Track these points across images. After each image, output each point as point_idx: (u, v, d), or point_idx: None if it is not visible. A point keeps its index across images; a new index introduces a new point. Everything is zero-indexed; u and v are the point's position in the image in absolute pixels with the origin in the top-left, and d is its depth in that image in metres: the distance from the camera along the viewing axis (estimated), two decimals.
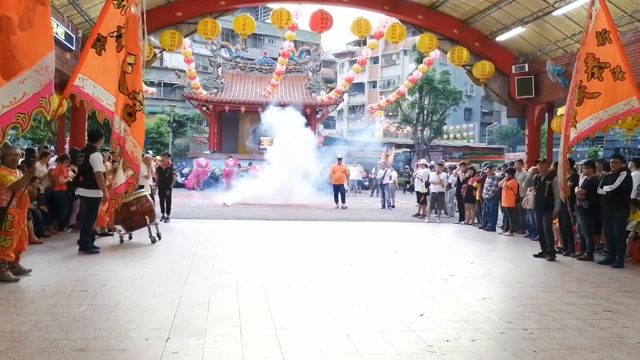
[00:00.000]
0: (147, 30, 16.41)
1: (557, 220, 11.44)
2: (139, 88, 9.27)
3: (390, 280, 8.61)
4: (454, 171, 18.92)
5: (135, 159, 9.62)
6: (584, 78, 9.86)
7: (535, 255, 11.30)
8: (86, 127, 16.82)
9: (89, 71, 8.30)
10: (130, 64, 9.04)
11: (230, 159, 32.63)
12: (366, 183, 36.43)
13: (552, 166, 11.77)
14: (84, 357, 4.81)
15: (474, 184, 16.67)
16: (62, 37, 13.85)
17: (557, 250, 11.39)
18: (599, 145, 43.72)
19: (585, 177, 11.18)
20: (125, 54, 8.97)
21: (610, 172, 10.65)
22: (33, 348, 5.01)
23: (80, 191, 10.50)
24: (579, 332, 6.02)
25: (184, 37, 17.56)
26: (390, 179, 23.44)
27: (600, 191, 10.55)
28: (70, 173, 12.43)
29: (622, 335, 5.96)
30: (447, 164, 23.37)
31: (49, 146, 16.04)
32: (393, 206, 23.40)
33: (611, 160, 10.94)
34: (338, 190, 22.44)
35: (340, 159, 23.65)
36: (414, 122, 44.04)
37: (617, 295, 7.96)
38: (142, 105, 9.42)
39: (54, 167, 12.69)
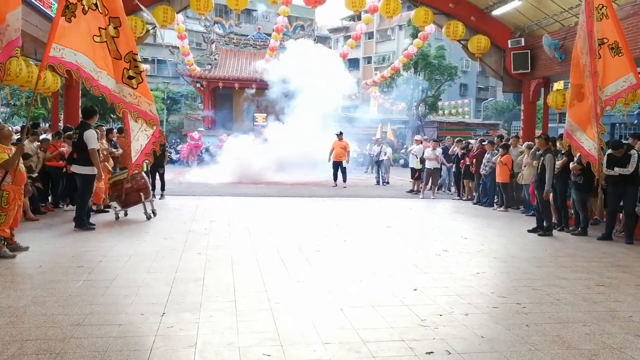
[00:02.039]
0: (139, 6, 16.35)
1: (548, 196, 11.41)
2: (135, 49, 9.05)
3: (384, 255, 8.67)
4: (451, 148, 18.86)
5: (155, 116, 9.46)
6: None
7: (529, 231, 11.36)
8: (80, 104, 16.72)
9: (64, 40, 8.10)
10: (115, 27, 8.82)
11: (225, 136, 32.62)
12: (361, 159, 36.35)
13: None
14: (80, 332, 4.85)
15: (471, 160, 16.73)
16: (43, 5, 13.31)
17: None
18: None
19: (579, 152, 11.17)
20: (108, 18, 8.75)
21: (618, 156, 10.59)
22: (30, 323, 5.05)
23: (75, 168, 10.48)
24: (572, 306, 6.08)
25: (177, 12, 17.40)
26: (385, 155, 23.43)
27: (611, 172, 10.49)
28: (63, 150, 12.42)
29: (614, 309, 6.02)
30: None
31: (42, 124, 15.93)
32: (388, 182, 23.42)
33: (612, 150, 10.79)
34: (337, 167, 21.57)
35: (340, 134, 22.14)
36: (409, 98, 43.89)
37: (610, 270, 8.03)
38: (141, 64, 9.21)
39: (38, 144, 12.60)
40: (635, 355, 4.68)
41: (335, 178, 21.62)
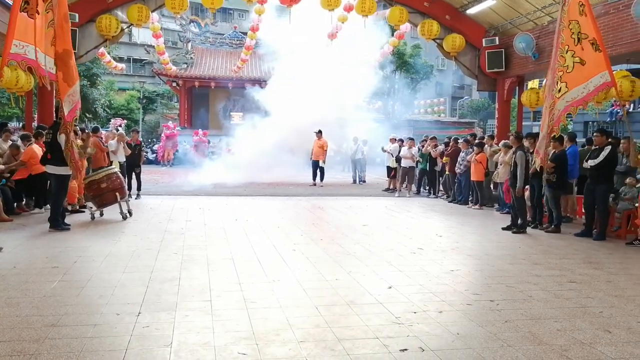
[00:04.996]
0: (114, 4, 16.29)
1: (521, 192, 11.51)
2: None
3: (359, 253, 8.71)
4: (424, 147, 18.94)
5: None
6: (570, 43, 9.79)
7: (503, 229, 11.48)
8: (54, 103, 16.55)
9: (25, 37, 7.98)
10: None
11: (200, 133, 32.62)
12: (338, 158, 36.28)
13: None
14: (55, 333, 4.83)
15: (443, 160, 16.89)
16: None
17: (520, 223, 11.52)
18: (568, 119, 44.14)
19: (554, 150, 11.32)
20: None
21: (596, 147, 10.81)
22: (4, 324, 5.01)
23: (49, 168, 10.40)
24: (544, 303, 6.16)
25: (152, 11, 17.32)
26: (362, 153, 23.47)
27: (585, 165, 10.76)
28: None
29: (585, 305, 6.11)
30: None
31: (16, 123, 15.79)
32: (364, 181, 23.48)
33: (594, 135, 11.12)
34: (315, 166, 21.60)
35: (319, 133, 21.87)
36: (385, 96, 43.98)
37: (582, 267, 8.15)
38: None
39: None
40: (605, 350, 4.77)
41: (314, 177, 21.62)
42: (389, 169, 20.03)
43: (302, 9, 18.13)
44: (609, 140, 10.84)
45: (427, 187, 18.87)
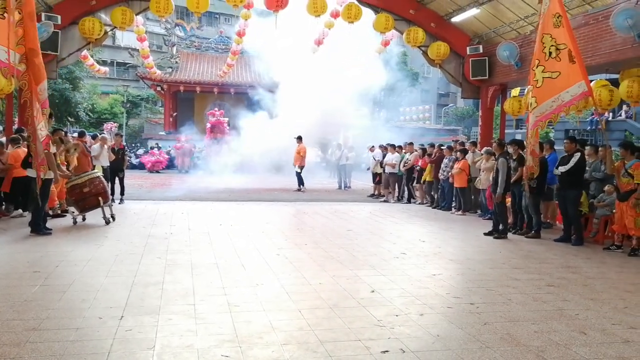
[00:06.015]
0: (98, 6, 16.18)
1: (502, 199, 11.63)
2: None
3: (343, 258, 8.77)
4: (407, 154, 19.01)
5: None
6: (541, 58, 9.99)
7: (485, 234, 11.58)
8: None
9: None
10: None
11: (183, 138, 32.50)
12: (323, 164, 36.29)
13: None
14: (36, 336, 4.84)
15: (426, 166, 16.98)
16: None
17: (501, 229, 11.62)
18: (550, 126, 44.36)
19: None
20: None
21: (566, 154, 10.99)
22: None
23: (31, 172, 10.36)
24: (522, 306, 6.26)
25: (136, 14, 17.20)
26: (347, 159, 23.52)
27: (556, 171, 10.92)
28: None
29: (562, 308, 6.21)
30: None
31: None
32: (349, 187, 23.54)
33: (564, 141, 11.29)
34: (296, 172, 21.78)
35: (298, 139, 22.13)
36: (371, 103, 44.11)
37: (561, 271, 8.27)
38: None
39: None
40: (580, 351, 4.86)
41: (298, 183, 21.66)
42: (374, 174, 20.13)
43: (289, 15, 18.15)
44: (577, 147, 11.00)
45: (405, 194, 18.88)
